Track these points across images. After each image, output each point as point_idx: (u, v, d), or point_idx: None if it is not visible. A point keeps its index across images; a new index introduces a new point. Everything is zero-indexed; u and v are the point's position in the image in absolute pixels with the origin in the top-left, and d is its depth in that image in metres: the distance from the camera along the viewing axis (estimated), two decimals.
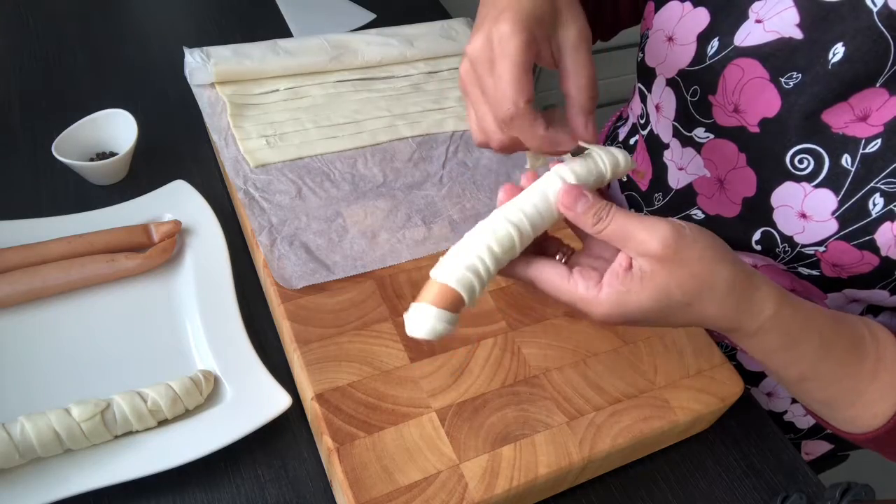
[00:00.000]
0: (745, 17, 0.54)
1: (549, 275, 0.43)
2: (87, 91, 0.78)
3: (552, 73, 0.47)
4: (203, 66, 0.71)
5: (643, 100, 0.67)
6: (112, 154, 0.70)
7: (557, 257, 0.45)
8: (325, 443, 0.49)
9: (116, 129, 0.70)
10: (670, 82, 0.60)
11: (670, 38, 0.59)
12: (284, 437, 0.54)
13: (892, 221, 0.49)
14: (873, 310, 0.62)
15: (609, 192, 0.78)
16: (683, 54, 0.58)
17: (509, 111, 0.43)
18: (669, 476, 0.56)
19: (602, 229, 0.41)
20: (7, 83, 0.78)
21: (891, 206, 0.49)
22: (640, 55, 0.64)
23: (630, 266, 0.41)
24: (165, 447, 0.50)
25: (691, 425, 0.55)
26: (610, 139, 0.83)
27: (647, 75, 0.64)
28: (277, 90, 0.73)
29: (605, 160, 0.45)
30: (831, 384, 0.46)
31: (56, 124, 0.68)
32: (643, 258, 0.40)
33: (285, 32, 0.91)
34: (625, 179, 0.68)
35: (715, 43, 0.55)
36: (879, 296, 0.56)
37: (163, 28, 0.90)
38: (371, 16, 0.96)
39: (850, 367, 0.46)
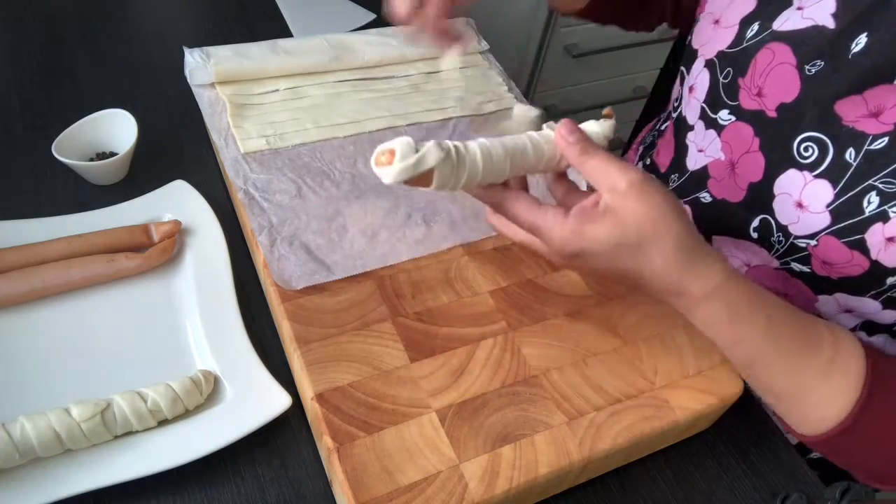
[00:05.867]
0: (788, 4, 0.55)
1: (520, 199, 0.46)
2: (87, 91, 0.78)
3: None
4: (203, 66, 0.71)
5: (682, 82, 0.68)
6: (112, 154, 0.70)
7: None
8: (325, 443, 0.49)
9: (116, 129, 0.70)
10: (708, 63, 0.62)
11: (717, 21, 0.61)
12: (284, 437, 0.54)
13: (885, 223, 0.49)
14: (867, 328, 0.61)
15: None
16: (725, 36, 0.59)
17: None
18: (669, 476, 0.56)
19: (585, 161, 0.46)
20: (7, 83, 0.78)
21: (885, 207, 0.49)
22: (689, 38, 0.66)
23: (597, 203, 0.44)
24: (165, 447, 0.50)
25: (691, 425, 0.55)
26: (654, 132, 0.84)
27: (690, 57, 0.65)
28: (277, 90, 0.73)
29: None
30: (780, 375, 0.47)
31: (56, 124, 0.68)
32: (610, 193, 0.43)
33: (285, 32, 0.91)
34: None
35: (755, 26, 0.57)
36: (871, 306, 0.56)
37: (163, 28, 0.90)
38: (371, 16, 0.96)
39: (800, 360, 0.45)
